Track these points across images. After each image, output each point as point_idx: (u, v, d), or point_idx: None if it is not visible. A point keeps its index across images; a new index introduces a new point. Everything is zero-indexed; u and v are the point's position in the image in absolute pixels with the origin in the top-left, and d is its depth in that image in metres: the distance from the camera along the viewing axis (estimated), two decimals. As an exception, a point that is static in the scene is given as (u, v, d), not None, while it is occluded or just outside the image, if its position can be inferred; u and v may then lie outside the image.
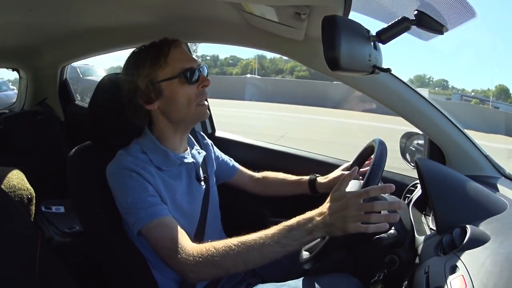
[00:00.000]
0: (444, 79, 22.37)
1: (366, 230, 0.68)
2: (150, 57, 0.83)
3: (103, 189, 0.83)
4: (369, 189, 0.70)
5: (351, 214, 0.68)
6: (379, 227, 0.68)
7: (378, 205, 0.69)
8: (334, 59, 0.56)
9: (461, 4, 0.63)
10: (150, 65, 0.83)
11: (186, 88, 0.84)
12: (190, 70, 0.84)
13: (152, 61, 0.83)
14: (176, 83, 0.84)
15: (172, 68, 0.83)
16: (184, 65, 0.84)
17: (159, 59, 0.83)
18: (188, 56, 0.87)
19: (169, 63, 0.83)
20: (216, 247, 0.72)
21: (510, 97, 17.49)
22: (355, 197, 0.69)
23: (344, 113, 9.13)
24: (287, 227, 0.71)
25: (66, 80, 1.92)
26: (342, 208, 0.69)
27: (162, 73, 0.83)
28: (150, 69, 0.83)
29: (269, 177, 1.14)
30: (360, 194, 0.70)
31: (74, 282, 0.82)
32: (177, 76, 0.83)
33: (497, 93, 18.65)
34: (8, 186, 0.88)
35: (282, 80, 16.86)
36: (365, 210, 0.68)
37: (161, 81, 0.83)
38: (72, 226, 1.45)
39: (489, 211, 0.70)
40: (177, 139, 0.90)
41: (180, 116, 0.86)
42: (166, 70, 0.83)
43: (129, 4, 1.02)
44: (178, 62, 0.84)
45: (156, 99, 0.85)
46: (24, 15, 1.07)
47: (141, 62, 0.84)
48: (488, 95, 17.88)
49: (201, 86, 0.86)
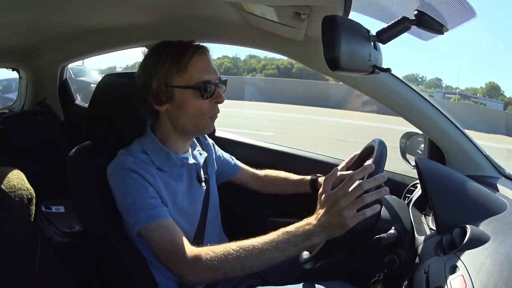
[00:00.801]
0: (438, 77, 22.84)
1: (364, 215, 0.68)
2: (171, 58, 0.80)
3: (103, 189, 0.83)
4: (353, 174, 0.70)
5: (343, 205, 0.68)
6: (374, 209, 0.68)
7: (365, 183, 0.69)
8: (334, 59, 0.55)
9: (461, 4, 0.63)
10: (169, 66, 0.80)
11: (198, 102, 0.82)
12: (207, 83, 0.81)
13: (172, 62, 0.80)
14: (189, 93, 0.81)
15: (190, 77, 0.80)
16: (202, 77, 0.81)
17: (179, 63, 0.80)
18: (209, 67, 0.83)
19: (188, 71, 0.80)
20: (214, 251, 0.73)
21: (501, 95, 18.00)
22: (341, 189, 0.70)
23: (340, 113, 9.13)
24: (286, 233, 0.71)
25: (66, 80, 1.92)
26: (333, 204, 0.69)
27: (178, 79, 0.81)
28: (167, 71, 0.80)
29: (271, 175, 1.14)
30: (345, 183, 0.70)
31: (74, 282, 0.82)
32: (192, 87, 0.81)
33: (487, 91, 19.07)
34: (8, 186, 0.88)
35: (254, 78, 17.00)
36: (355, 195, 0.68)
37: (174, 87, 0.81)
38: (72, 226, 1.45)
39: (489, 211, 0.70)
40: (180, 143, 0.89)
41: (185, 125, 0.85)
42: (183, 77, 0.80)
43: (130, 4, 1.02)
44: (197, 72, 0.81)
45: (166, 102, 0.83)
46: (24, 15, 1.07)
47: (161, 60, 0.81)
48: (478, 92, 18.29)
49: (214, 102, 0.84)
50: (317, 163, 1.28)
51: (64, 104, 1.90)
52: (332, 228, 0.69)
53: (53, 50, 1.66)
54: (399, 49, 28.81)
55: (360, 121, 7.94)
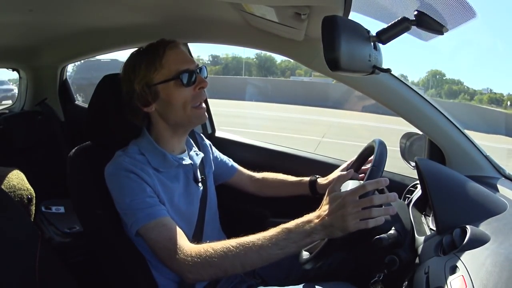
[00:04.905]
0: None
1: (366, 225, 0.68)
2: (145, 60, 0.83)
3: (103, 189, 0.83)
4: (365, 184, 0.70)
5: (349, 212, 0.68)
6: (377, 221, 0.68)
7: (377, 198, 0.69)
8: (334, 60, 0.56)
9: (461, 5, 0.63)
10: (145, 67, 0.82)
11: (182, 91, 0.83)
12: (186, 72, 0.83)
13: (147, 63, 0.82)
14: (171, 86, 0.83)
15: (168, 71, 0.82)
16: (179, 67, 0.83)
17: (154, 62, 0.82)
18: (184, 57, 0.85)
19: (164, 66, 0.82)
20: (214, 248, 0.72)
21: (447, 82, 19.77)
22: (351, 195, 0.70)
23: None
24: (286, 229, 0.71)
25: (66, 80, 1.92)
26: (339, 207, 0.69)
27: (157, 76, 0.83)
28: (146, 72, 0.82)
29: (269, 178, 1.13)
30: (357, 190, 0.70)
31: (74, 282, 0.82)
32: (172, 78, 0.82)
33: (431, 77, 20.52)
34: (8, 186, 0.87)
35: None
36: (363, 205, 0.68)
37: (156, 84, 0.83)
38: (72, 226, 1.45)
39: (489, 212, 0.70)
40: (175, 141, 0.90)
41: (176, 119, 0.86)
42: (162, 73, 0.82)
43: (129, 5, 1.02)
44: (173, 64, 0.83)
45: (153, 102, 0.84)
46: (24, 15, 1.07)
47: (137, 65, 0.83)
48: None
49: (198, 88, 0.85)
50: (316, 163, 1.28)
51: (64, 104, 1.90)
52: (333, 229, 0.69)
53: (53, 50, 1.67)
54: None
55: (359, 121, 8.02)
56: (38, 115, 1.83)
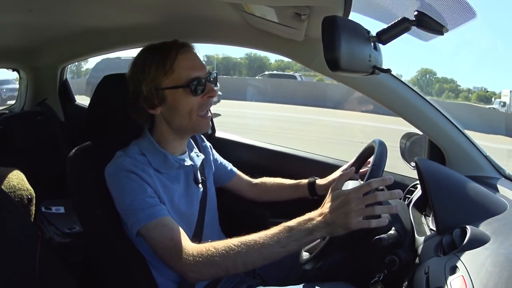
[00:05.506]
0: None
1: (369, 225, 0.68)
2: (156, 62, 0.80)
3: (103, 189, 0.83)
4: (371, 181, 0.70)
5: (353, 209, 0.68)
6: (380, 221, 0.68)
7: (381, 195, 0.69)
8: (334, 60, 0.56)
9: (461, 5, 0.63)
10: (155, 69, 0.80)
11: (190, 99, 0.82)
12: (196, 80, 0.81)
13: (158, 66, 0.80)
14: (180, 93, 0.81)
15: (178, 76, 0.80)
16: (190, 74, 0.81)
17: (164, 64, 0.80)
18: (196, 63, 0.83)
19: (175, 70, 0.80)
20: (216, 247, 0.72)
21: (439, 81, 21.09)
22: (355, 192, 0.69)
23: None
24: (288, 227, 0.71)
25: (66, 80, 1.92)
26: (342, 204, 0.69)
27: (166, 80, 0.81)
28: (155, 74, 0.80)
29: (267, 182, 1.12)
30: (361, 187, 0.70)
31: (74, 282, 0.82)
32: (182, 86, 0.81)
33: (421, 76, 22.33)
34: (8, 186, 0.87)
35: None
36: (367, 203, 0.68)
37: (165, 89, 0.81)
38: (72, 226, 1.45)
39: (489, 212, 0.70)
40: (177, 143, 0.90)
41: (180, 124, 0.85)
42: (171, 78, 0.80)
43: (129, 5, 1.02)
44: (184, 70, 0.81)
45: (159, 105, 0.83)
46: (24, 15, 1.07)
47: (147, 65, 0.81)
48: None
49: (206, 97, 0.84)
50: (316, 163, 1.28)
51: (64, 104, 1.90)
52: (335, 226, 0.69)
53: (53, 51, 1.66)
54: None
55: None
56: (38, 115, 1.83)
